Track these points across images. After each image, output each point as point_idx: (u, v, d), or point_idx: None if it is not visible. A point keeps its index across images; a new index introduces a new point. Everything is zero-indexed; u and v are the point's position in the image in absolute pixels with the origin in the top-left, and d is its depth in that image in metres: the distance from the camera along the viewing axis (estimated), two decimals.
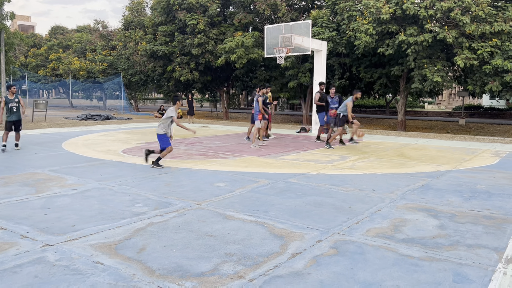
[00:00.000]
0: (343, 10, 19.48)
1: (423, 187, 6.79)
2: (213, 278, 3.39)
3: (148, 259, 3.77)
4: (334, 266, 3.66)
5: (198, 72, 25.83)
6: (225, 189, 6.53)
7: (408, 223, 4.90)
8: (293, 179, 7.28)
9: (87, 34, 44.13)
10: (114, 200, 5.80)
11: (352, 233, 4.52)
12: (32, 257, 3.80)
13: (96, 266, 3.60)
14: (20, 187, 6.50)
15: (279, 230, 4.59)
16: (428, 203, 5.81)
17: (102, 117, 24.02)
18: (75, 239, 4.24)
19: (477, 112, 35.44)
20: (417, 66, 17.31)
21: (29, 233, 4.42)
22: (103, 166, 8.48)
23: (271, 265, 3.66)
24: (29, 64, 45.99)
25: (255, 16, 24.28)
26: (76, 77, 39.22)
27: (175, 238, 4.30)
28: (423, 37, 15.98)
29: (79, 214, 5.11)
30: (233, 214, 5.15)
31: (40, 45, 47.44)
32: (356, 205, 5.67)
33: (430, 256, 3.90)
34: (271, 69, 25.33)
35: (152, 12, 28.02)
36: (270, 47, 16.43)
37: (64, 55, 42.99)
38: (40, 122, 20.57)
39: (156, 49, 25.93)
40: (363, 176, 7.65)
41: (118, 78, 34.81)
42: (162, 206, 5.49)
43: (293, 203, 5.73)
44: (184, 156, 9.93)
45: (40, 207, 5.40)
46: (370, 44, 17.48)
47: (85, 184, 6.76)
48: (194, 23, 23.78)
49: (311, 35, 16.09)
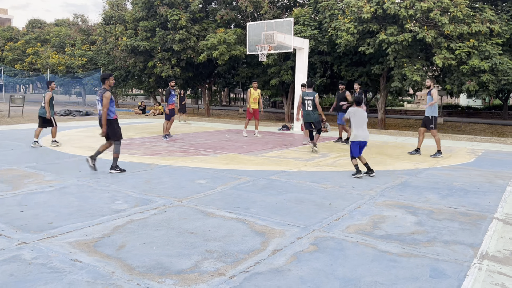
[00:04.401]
0: (325, 9, 19.57)
1: (402, 185, 6.89)
2: (193, 276, 3.38)
3: (127, 256, 3.73)
4: (314, 262, 3.69)
5: (179, 68, 25.60)
6: (206, 186, 6.50)
7: (387, 219, 4.97)
8: (274, 176, 7.30)
9: (66, 28, 43.27)
10: (93, 197, 5.71)
11: (332, 229, 4.57)
12: (8, 255, 3.71)
13: (74, 264, 3.54)
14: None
15: (260, 227, 4.60)
16: (407, 200, 5.91)
17: (81, 113, 23.62)
18: (53, 237, 4.17)
19: (454, 111, 36.17)
20: (397, 65, 17.54)
21: (5, 230, 4.32)
22: (81, 162, 8.34)
23: (251, 262, 3.66)
24: (5, 58, 44.85)
25: (238, 13, 24.20)
26: (55, 72, 38.40)
27: (155, 236, 4.26)
28: (403, 37, 16.20)
29: (57, 211, 5.02)
30: (214, 211, 5.14)
31: (17, 38, 46.32)
32: (336, 202, 5.72)
33: (408, 252, 3.97)
34: (253, 66, 25.30)
35: (133, 7, 27.60)
36: (252, 44, 16.41)
37: (42, 49, 42.08)
38: (17, 118, 20.09)
39: (137, 45, 25.59)
40: (343, 174, 7.73)
41: (98, 73, 34.23)
42: (142, 203, 5.44)
43: (274, 200, 5.75)
44: (164, 153, 9.84)
45: (17, 204, 5.28)
46: (351, 43, 17.62)
47: (63, 181, 6.64)
48: (176, 18, 23.55)
49: (293, 33, 16.13)
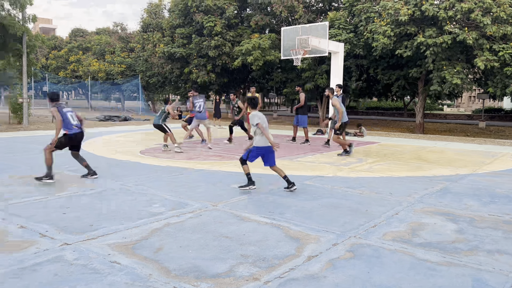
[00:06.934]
0: (361, 12, 19.34)
1: (441, 191, 6.68)
2: (228, 280, 3.40)
3: (164, 259, 3.80)
4: (351, 269, 3.63)
5: (214, 74, 25.95)
6: (241, 190, 6.54)
7: (426, 227, 4.83)
8: (309, 181, 7.26)
9: (106, 36, 44.81)
10: (132, 200, 5.87)
11: (368, 236, 4.48)
12: (52, 255, 3.87)
13: (113, 266, 3.65)
14: (39, 187, 6.62)
15: (294, 232, 4.58)
16: (446, 207, 5.72)
17: (120, 118, 24.33)
18: (93, 239, 4.31)
19: (497, 115, 34.76)
20: (436, 68, 17.06)
21: (48, 231, 4.50)
22: (121, 166, 8.59)
23: (286, 268, 3.65)
24: (50, 66, 46.92)
25: (272, 18, 24.30)
26: (95, 78, 39.85)
27: (192, 239, 4.33)
28: (443, 39, 15.75)
29: (97, 214, 5.18)
30: (249, 216, 5.16)
31: (60, 47, 48.37)
32: (372, 208, 5.61)
33: (448, 261, 3.84)
34: (287, 71, 25.29)
35: (170, 14, 28.28)
36: (287, 49, 16.42)
37: (83, 57, 43.73)
38: None
39: (173, 51, 26.17)
40: (380, 179, 7.58)
41: (136, 79, 35.23)
42: (179, 207, 5.53)
43: (309, 205, 5.71)
44: (200, 157, 9.98)
45: (59, 206, 5.50)
46: (388, 46, 17.31)
47: (103, 184, 6.86)
48: (211, 25, 23.92)
49: (328, 36, 16.02)
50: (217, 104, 21.22)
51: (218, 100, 21.78)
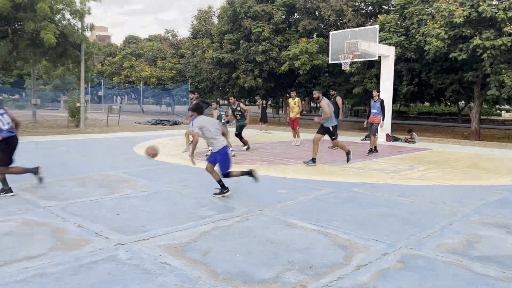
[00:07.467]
0: (413, 14, 18.77)
1: (500, 201, 6.33)
2: (275, 286, 3.40)
3: (212, 262, 3.86)
4: (401, 281, 3.51)
5: (261, 79, 26.11)
6: (287, 196, 6.52)
7: (483, 239, 4.58)
8: (357, 189, 7.11)
9: (158, 43, 46.34)
10: (182, 203, 6.01)
11: (421, 247, 4.32)
12: (106, 254, 4.03)
13: (164, 267, 3.75)
14: (95, 188, 6.94)
15: (342, 240, 4.50)
16: (506, 218, 5.40)
17: (170, 122, 25.02)
18: (145, 240, 4.45)
19: None
20: (494, 72, 16.23)
21: (103, 231, 4.70)
22: (171, 169, 8.82)
23: (334, 276, 3.59)
24: (105, 71, 49.16)
25: (320, 22, 24.13)
26: (147, 83, 41.30)
27: (239, 243, 4.36)
28: (501, 41, 14.96)
29: (149, 215, 5.35)
30: (296, 222, 5.13)
31: (115, 54, 50.57)
32: (425, 218, 5.41)
33: (508, 277, 3.62)
34: (335, 75, 25.00)
35: (219, 21, 28.82)
36: (335, 53, 16.23)
37: (136, 63, 45.45)
38: (114, 126, 21.85)
39: (222, 57, 26.61)
40: (433, 188, 7.29)
41: (186, 85, 36.16)
42: (226, 211, 5.60)
43: (357, 213, 5.59)
44: (247, 161, 10.06)
45: (113, 207, 5.73)
46: (442, 49, 16.68)
47: (155, 187, 7.07)
48: (259, 30, 24.11)
49: (378, 40, 15.67)
50: (263, 109, 21.32)
51: (264, 105, 21.87)
